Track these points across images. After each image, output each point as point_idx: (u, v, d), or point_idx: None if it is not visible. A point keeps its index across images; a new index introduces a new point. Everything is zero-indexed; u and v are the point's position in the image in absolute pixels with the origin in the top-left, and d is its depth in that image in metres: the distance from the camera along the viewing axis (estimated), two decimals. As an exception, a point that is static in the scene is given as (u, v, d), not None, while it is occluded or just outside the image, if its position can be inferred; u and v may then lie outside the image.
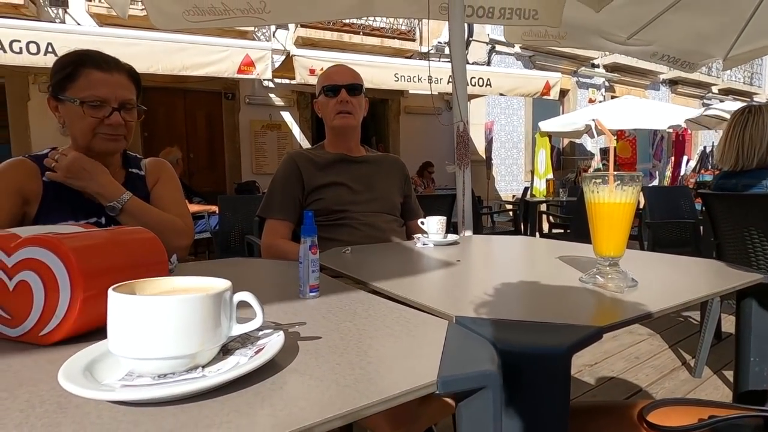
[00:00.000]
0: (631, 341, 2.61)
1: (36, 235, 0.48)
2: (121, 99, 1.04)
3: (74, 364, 0.37)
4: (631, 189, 0.72)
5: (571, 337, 0.49)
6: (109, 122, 1.02)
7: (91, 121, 1.01)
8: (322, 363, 0.42)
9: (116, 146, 1.07)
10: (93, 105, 1.01)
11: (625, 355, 2.41)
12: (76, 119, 1.02)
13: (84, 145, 1.05)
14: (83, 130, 1.02)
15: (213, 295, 0.39)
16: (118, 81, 1.05)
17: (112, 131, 1.03)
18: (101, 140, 1.03)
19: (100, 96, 1.01)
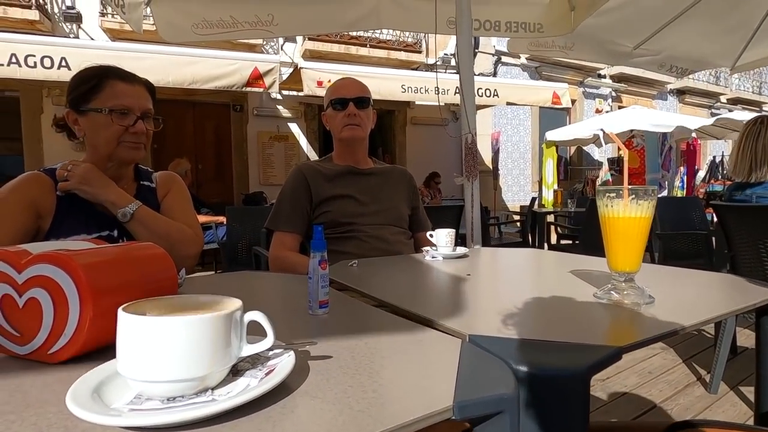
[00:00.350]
0: (644, 355, 2.55)
1: (46, 252, 0.48)
2: (143, 108, 1.08)
3: (82, 386, 0.37)
4: (646, 203, 0.70)
5: (589, 358, 0.48)
6: (134, 130, 1.05)
7: (118, 129, 1.04)
8: (333, 385, 0.41)
9: (138, 154, 1.09)
10: (120, 113, 1.04)
11: (637, 370, 2.36)
12: (101, 129, 1.04)
13: (107, 154, 1.06)
14: (108, 138, 1.04)
15: (224, 316, 0.38)
16: (139, 92, 1.10)
17: (136, 139, 1.06)
18: (125, 149, 1.06)
19: (126, 105, 1.05)
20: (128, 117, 1.05)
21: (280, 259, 1.43)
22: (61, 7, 5.89)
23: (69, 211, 1.04)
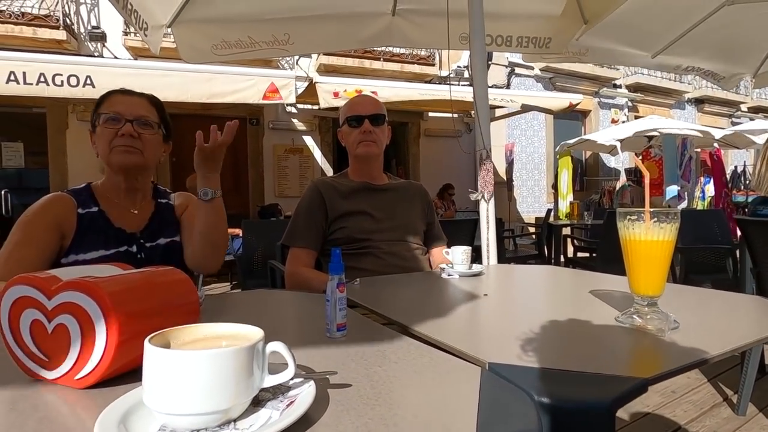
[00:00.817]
0: (667, 374, 2.47)
1: (75, 279, 0.49)
2: (135, 114, 1.10)
3: (109, 416, 0.37)
4: (669, 226, 0.69)
5: (613, 390, 0.47)
6: (121, 133, 1.07)
7: (108, 133, 1.07)
8: (354, 418, 0.41)
9: (131, 159, 1.09)
10: (109, 118, 1.08)
11: (659, 389, 2.29)
12: (100, 138, 1.09)
13: (106, 161, 1.10)
14: (103, 144, 1.08)
15: (247, 348, 0.39)
16: (136, 101, 1.13)
17: (125, 142, 1.07)
18: (117, 153, 1.08)
19: (116, 110, 1.08)
20: (118, 122, 1.08)
21: (296, 276, 1.44)
22: (87, 27, 6.12)
23: (89, 229, 1.07)
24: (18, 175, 6.45)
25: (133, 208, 1.16)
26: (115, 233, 1.10)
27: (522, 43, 2.53)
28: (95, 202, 1.11)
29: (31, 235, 1.01)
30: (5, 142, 6.28)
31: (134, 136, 1.08)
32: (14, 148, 6.29)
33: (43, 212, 1.04)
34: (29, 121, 6.15)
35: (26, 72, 3.58)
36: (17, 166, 6.35)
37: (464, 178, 7.96)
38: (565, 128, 8.91)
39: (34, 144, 6.28)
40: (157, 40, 2.20)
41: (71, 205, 1.07)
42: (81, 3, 6.14)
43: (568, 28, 2.55)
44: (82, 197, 1.10)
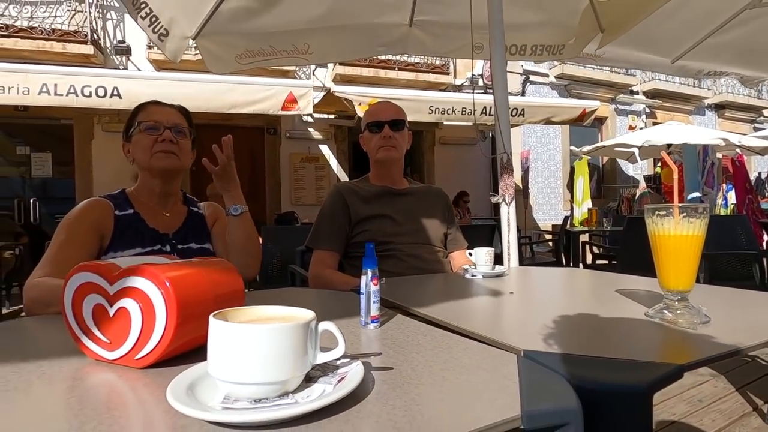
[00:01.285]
0: (692, 382, 2.42)
1: (137, 265, 0.53)
2: (172, 122, 1.19)
3: (178, 385, 0.40)
4: (698, 221, 0.70)
5: (650, 375, 0.48)
6: (161, 139, 1.16)
7: (149, 140, 1.16)
8: (401, 394, 0.43)
9: (171, 163, 1.18)
10: (149, 127, 1.16)
11: (686, 398, 2.24)
12: (138, 145, 1.17)
13: (146, 166, 1.17)
14: (143, 150, 1.16)
15: (303, 324, 0.41)
16: (170, 111, 1.23)
17: (165, 147, 1.16)
18: (157, 158, 1.16)
19: (154, 119, 1.17)
20: (157, 129, 1.17)
21: (320, 277, 1.47)
22: (113, 42, 6.36)
23: (126, 230, 1.13)
24: (43, 184, 6.66)
25: (165, 211, 1.22)
26: (149, 233, 1.15)
27: (536, 51, 2.56)
28: (130, 205, 1.18)
29: (74, 236, 1.06)
30: (34, 152, 6.52)
31: (173, 141, 1.16)
32: (43, 159, 6.52)
33: (84, 215, 1.10)
34: (57, 132, 6.39)
35: (57, 84, 3.74)
36: (45, 176, 6.57)
37: (479, 185, 7.94)
38: (582, 135, 8.84)
39: (61, 154, 6.50)
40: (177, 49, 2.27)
41: (109, 208, 1.13)
42: (108, 19, 6.38)
43: (583, 35, 2.56)
44: (118, 201, 1.17)
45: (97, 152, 6.26)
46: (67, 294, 0.57)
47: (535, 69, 8.39)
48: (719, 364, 2.64)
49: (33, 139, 6.55)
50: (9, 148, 6.58)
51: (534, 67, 8.35)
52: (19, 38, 5.65)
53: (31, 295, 0.93)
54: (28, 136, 6.54)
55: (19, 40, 5.64)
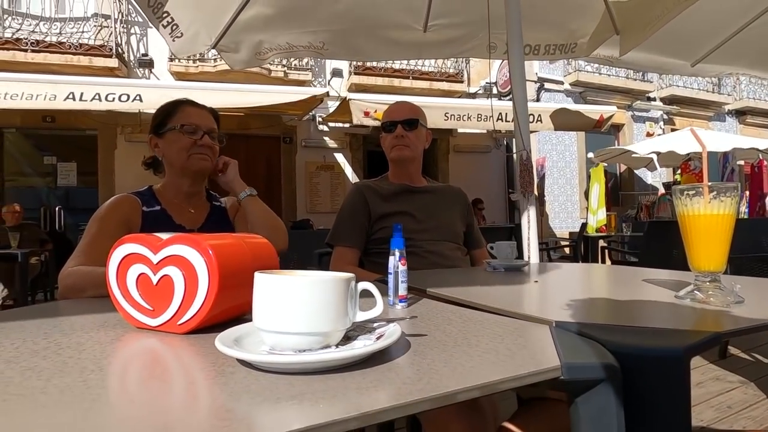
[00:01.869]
0: (720, 389, 2.35)
1: (180, 234, 0.55)
2: (208, 127, 1.24)
3: (225, 337, 0.42)
4: (729, 200, 0.69)
5: (686, 340, 0.48)
6: (201, 143, 1.20)
7: (188, 141, 1.20)
8: (440, 351, 0.44)
9: (206, 165, 1.23)
10: (189, 129, 1.20)
11: (714, 404, 2.17)
12: (174, 144, 1.20)
13: (180, 165, 1.21)
14: (180, 150, 1.20)
15: (344, 281, 0.43)
16: (205, 114, 1.27)
17: (203, 151, 1.21)
18: (195, 159, 1.21)
19: (194, 122, 1.21)
20: (196, 133, 1.21)
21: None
22: (137, 55, 6.58)
23: (153, 225, 1.17)
24: (66, 193, 6.88)
25: (190, 207, 1.26)
26: (176, 229, 1.19)
27: (549, 50, 2.57)
28: (157, 202, 1.21)
29: (104, 229, 1.10)
30: (61, 162, 6.74)
31: (210, 146, 1.22)
32: (68, 168, 6.74)
33: (113, 210, 1.14)
34: (82, 143, 6.60)
35: (83, 92, 3.89)
36: (70, 185, 6.78)
37: (493, 193, 7.91)
38: (598, 142, 8.75)
39: (85, 164, 6.71)
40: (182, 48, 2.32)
41: (136, 205, 1.17)
42: (132, 33, 6.62)
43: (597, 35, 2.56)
44: (145, 197, 1.21)
45: (120, 161, 6.45)
46: (111, 265, 0.59)
47: (549, 76, 8.38)
48: (749, 372, 2.56)
49: (59, 149, 6.79)
50: (36, 158, 6.82)
51: (548, 74, 8.33)
52: (49, 53, 5.90)
53: (66, 282, 0.96)
54: (54, 147, 6.78)
55: (49, 54, 5.89)
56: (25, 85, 3.91)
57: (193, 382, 0.37)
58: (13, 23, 6.07)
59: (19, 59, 5.77)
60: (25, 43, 5.82)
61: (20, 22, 6.06)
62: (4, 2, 6.12)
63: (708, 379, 2.49)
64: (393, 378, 0.37)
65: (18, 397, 0.33)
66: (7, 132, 6.45)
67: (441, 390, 0.33)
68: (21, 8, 6.12)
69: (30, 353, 0.46)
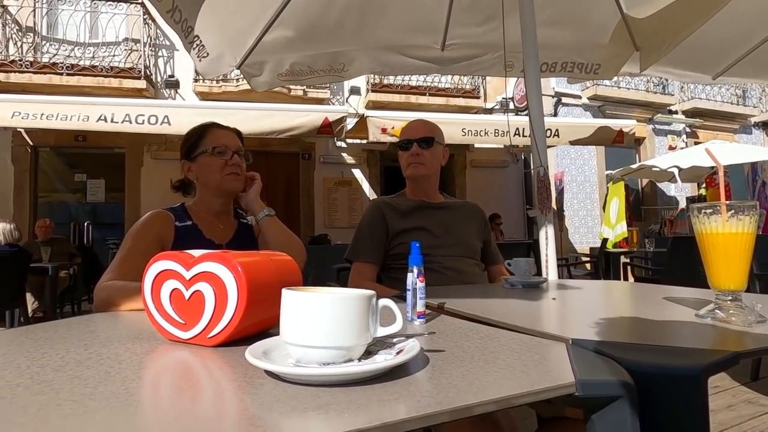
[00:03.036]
0: (753, 412, 2.25)
1: (211, 252, 0.59)
2: (236, 147, 1.31)
3: (255, 350, 0.45)
4: (747, 218, 0.69)
5: (704, 359, 0.48)
6: (232, 162, 1.27)
7: (221, 162, 1.26)
8: (456, 367, 0.46)
9: (239, 184, 1.30)
10: (220, 151, 1.27)
11: (746, 428, 2.08)
12: (208, 166, 1.27)
13: (215, 186, 1.28)
14: (214, 171, 1.27)
15: (366, 297, 0.45)
16: (232, 135, 1.34)
17: (235, 170, 1.28)
18: (228, 180, 1.27)
19: (224, 143, 1.28)
20: (226, 153, 1.28)
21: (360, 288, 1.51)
22: (164, 76, 6.87)
23: (185, 239, 1.22)
24: (94, 209, 7.14)
25: (219, 223, 1.32)
26: (206, 243, 1.25)
27: (566, 68, 2.58)
28: (189, 218, 1.28)
29: (138, 245, 1.16)
30: (90, 179, 7.03)
31: (239, 164, 1.28)
32: (97, 185, 7.01)
33: (147, 227, 1.20)
34: (111, 160, 6.88)
35: (114, 113, 4.08)
36: (98, 201, 7.05)
37: (511, 208, 7.85)
38: (618, 156, 8.62)
39: (113, 181, 6.98)
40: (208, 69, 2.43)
41: (170, 220, 1.23)
42: (159, 56, 6.92)
43: (618, 54, 2.56)
44: (178, 213, 1.27)
45: (146, 178, 6.68)
46: (147, 280, 0.63)
47: (566, 91, 8.35)
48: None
49: (89, 166, 7.08)
50: (68, 175, 7.13)
51: (566, 89, 8.31)
52: (82, 76, 6.21)
53: (101, 296, 1.01)
54: (85, 164, 7.08)
55: (82, 77, 6.20)
56: (60, 107, 4.13)
57: (225, 391, 0.40)
58: (51, 48, 6.43)
59: (55, 82, 6.09)
60: (61, 67, 6.15)
61: (57, 48, 6.42)
62: (43, 29, 6.51)
63: (740, 402, 2.39)
64: (413, 391, 0.38)
65: (70, 403, 0.36)
66: (42, 150, 6.78)
67: (458, 403, 0.35)
68: (58, 34, 6.49)
69: (75, 363, 0.49)
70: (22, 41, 6.33)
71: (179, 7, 1.81)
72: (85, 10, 6.47)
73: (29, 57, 6.20)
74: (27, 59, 6.13)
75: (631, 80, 8.79)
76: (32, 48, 6.32)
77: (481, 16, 2.46)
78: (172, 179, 1.41)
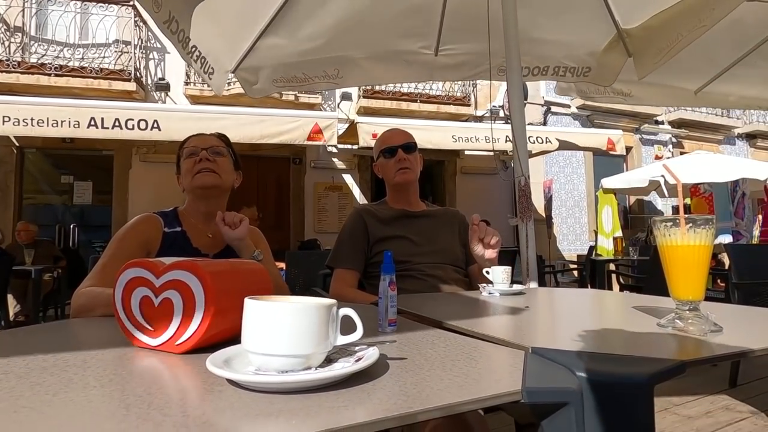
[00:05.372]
0: (729, 419, 2.29)
1: (181, 260, 0.60)
2: (207, 145, 1.31)
3: (216, 358, 0.46)
4: (704, 231, 0.72)
5: (652, 368, 0.50)
6: (199, 159, 1.27)
7: (189, 163, 1.28)
8: (413, 374, 0.48)
9: (210, 179, 1.27)
10: (190, 152, 1.29)
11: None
12: (183, 170, 1.29)
13: (189, 187, 1.28)
14: (186, 174, 1.28)
15: (325, 306, 0.47)
16: (207, 137, 1.35)
17: (203, 166, 1.26)
18: (198, 177, 1.26)
19: (194, 144, 1.30)
20: (196, 154, 1.29)
21: (341, 295, 1.51)
22: (154, 79, 6.84)
23: (171, 246, 1.21)
24: (81, 212, 7.05)
25: (209, 232, 1.30)
26: (192, 252, 1.24)
27: (558, 72, 2.62)
28: (179, 224, 1.26)
29: (123, 249, 1.15)
30: (77, 181, 6.95)
31: (210, 159, 1.27)
32: (84, 187, 6.94)
33: (134, 231, 1.19)
34: (99, 162, 6.81)
35: (104, 118, 4.05)
36: (85, 203, 6.97)
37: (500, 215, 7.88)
38: (606, 165, 8.75)
39: (101, 183, 6.90)
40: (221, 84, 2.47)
41: (158, 225, 1.23)
42: (150, 59, 6.90)
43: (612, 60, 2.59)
44: (168, 218, 1.26)
45: (134, 181, 6.62)
46: (118, 287, 0.64)
47: (556, 100, 8.47)
48: (761, 402, 2.50)
49: (77, 168, 7.01)
50: (54, 176, 7.04)
51: (555, 98, 8.43)
52: (71, 77, 6.16)
53: (78, 302, 1.01)
54: (72, 166, 7.00)
55: (71, 78, 6.15)
56: (49, 111, 4.09)
57: (184, 398, 0.41)
58: (39, 49, 6.38)
59: (43, 83, 6.03)
60: (49, 68, 6.10)
61: (45, 48, 6.37)
62: (32, 29, 6.45)
63: (717, 409, 2.43)
64: (364, 399, 0.40)
65: (27, 410, 0.37)
66: (28, 151, 6.69)
67: (404, 410, 0.36)
68: (47, 35, 6.43)
69: (39, 369, 0.50)
70: (9, 41, 6.27)
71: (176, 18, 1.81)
72: (75, 11, 6.44)
73: (17, 57, 6.14)
74: (14, 59, 6.07)
75: (619, 90, 8.93)
76: (20, 48, 6.26)
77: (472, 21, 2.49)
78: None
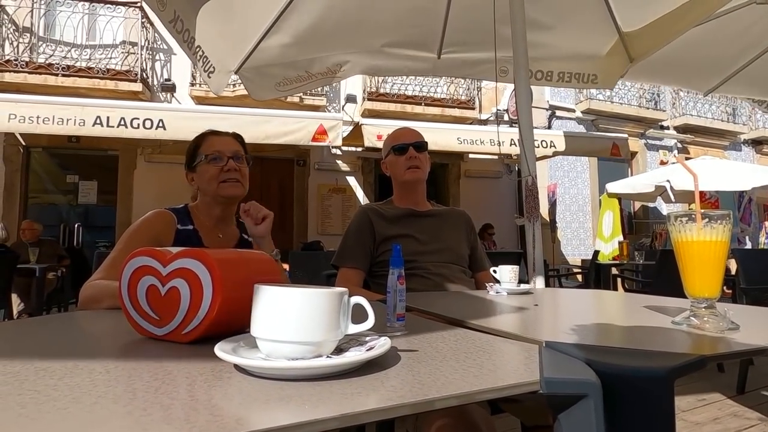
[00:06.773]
0: (738, 425, 2.26)
1: (188, 249, 0.59)
2: (232, 151, 1.28)
3: (225, 345, 0.45)
4: (721, 227, 0.71)
5: (671, 362, 0.49)
6: (227, 168, 1.24)
7: (214, 170, 1.24)
8: (426, 365, 0.46)
9: (237, 191, 1.26)
10: (214, 158, 1.25)
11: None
12: (204, 174, 1.26)
13: (212, 194, 1.26)
14: (210, 179, 1.25)
15: (337, 294, 0.45)
16: (227, 140, 1.32)
17: (230, 176, 1.25)
18: (225, 187, 1.25)
19: (218, 149, 1.26)
20: (221, 159, 1.25)
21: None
22: (160, 80, 6.88)
23: (183, 245, 1.20)
24: (86, 211, 7.07)
25: (219, 232, 1.30)
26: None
27: (563, 78, 2.62)
28: (191, 221, 1.26)
29: (134, 244, 1.13)
30: (82, 181, 6.98)
31: (237, 170, 1.25)
32: (89, 187, 6.96)
33: (147, 227, 1.18)
34: (104, 162, 6.84)
35: (110, 116, 4.07)
36: (91, 203, 6.99)
37: (504, 218, 7.87)
38: (610, 170, 8.71)
39: (106, 183, 6.93)
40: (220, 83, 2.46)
41: (172, 221, 1.22)
42: (156, 60, 6.94)
43: (614, 65, 2.60)
44: (181, 215, 1.25)
45: (139, 181, 6.65)
46: (124, 276, 0.63)
47: (560, 104, 8.46)
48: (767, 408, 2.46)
49: (82, 168, 7.04)
50: (60, 176, 7.07)
51: (559, 102, 8.42)
52: (78, 77, 6.20)
53: (86, 294, 1.00)
54: (77, 166, 7.04)
55: (78, 78, 6.19)
56: (55, 109, 4.11)
57: (191, 384, 0.40)
58: (47, 49, 6.42)
59: (50, 83, 6.07)
60: (57, 68, 6.14)
61: (53, 49, 6.41)
62: (40, 30, 6.50)
63: (725, 415, 2.39)
64: (378, 386, 0.39)
65: (32, 393, 0.36)
66: (34, 151, 6.73)
67: (420, 397, 0.35)
68: (55, 35, 6.49)
69: (44, 356, 0.49)
70: (18, 41, 6.32)
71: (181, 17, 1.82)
72: (83, 12, 6.48)
73: (25, 57, 6.19)
74: (23, 59, 6.12)
75: (624, 95, 8.93)
76: (28, 48, 6.31)
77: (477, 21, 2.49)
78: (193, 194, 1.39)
